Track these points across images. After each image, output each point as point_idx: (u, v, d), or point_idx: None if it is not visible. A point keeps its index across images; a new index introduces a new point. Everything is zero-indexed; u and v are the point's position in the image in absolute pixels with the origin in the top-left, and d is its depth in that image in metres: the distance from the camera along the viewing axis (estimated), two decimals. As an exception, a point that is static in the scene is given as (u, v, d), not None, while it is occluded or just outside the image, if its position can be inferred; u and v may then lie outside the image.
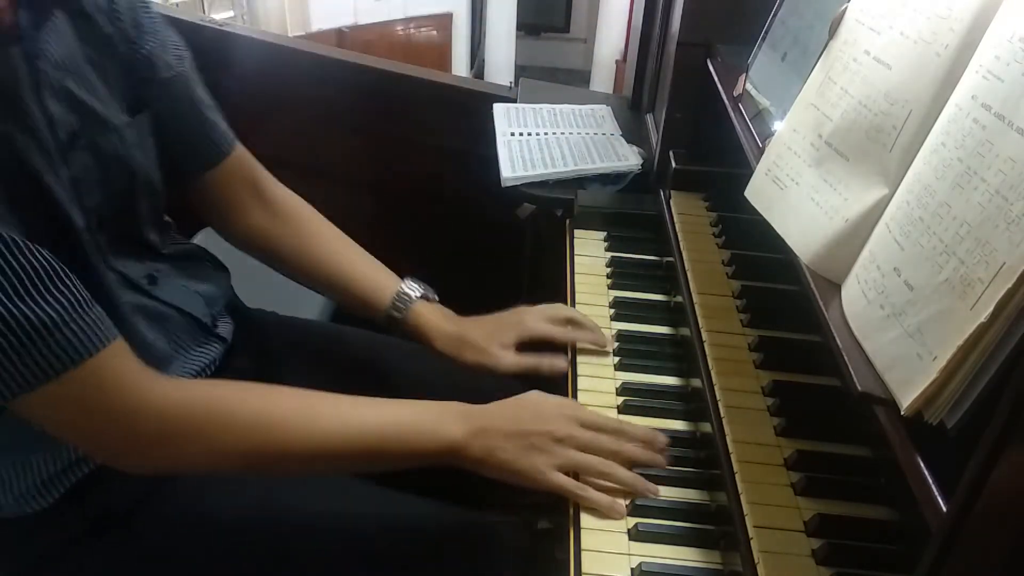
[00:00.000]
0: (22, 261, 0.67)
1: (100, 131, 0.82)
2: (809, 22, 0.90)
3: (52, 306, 0.68)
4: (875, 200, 0.66)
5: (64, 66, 0.79)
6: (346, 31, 3.66)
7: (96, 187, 0.81)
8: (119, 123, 0.85)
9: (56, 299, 0.69)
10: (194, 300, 0.97)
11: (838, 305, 0.67)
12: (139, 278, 0.89)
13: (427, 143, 1.81)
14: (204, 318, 0.98)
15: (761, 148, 0.87)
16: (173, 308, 0.93)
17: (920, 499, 0.53)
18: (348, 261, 1.07)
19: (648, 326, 1.07)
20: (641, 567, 0.75)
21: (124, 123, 0.86)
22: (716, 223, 1.18)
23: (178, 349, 0.94)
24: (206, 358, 0.97)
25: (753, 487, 0.76)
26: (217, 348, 1.00)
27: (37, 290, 0.68)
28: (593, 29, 4.39)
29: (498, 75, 4.30)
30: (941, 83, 0.62)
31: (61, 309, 0.69)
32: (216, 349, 1.00)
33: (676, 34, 1.22)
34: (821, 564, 0.70)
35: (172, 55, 0.94)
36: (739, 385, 0.89)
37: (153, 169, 0.91)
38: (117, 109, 0.85)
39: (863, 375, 0.59)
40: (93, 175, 0.81)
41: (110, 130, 0.83)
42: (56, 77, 0.78)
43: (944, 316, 0.53)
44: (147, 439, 0.76)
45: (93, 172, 0.81)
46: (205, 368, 0.97)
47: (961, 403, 0.50)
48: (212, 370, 0.98)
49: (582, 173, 1.36)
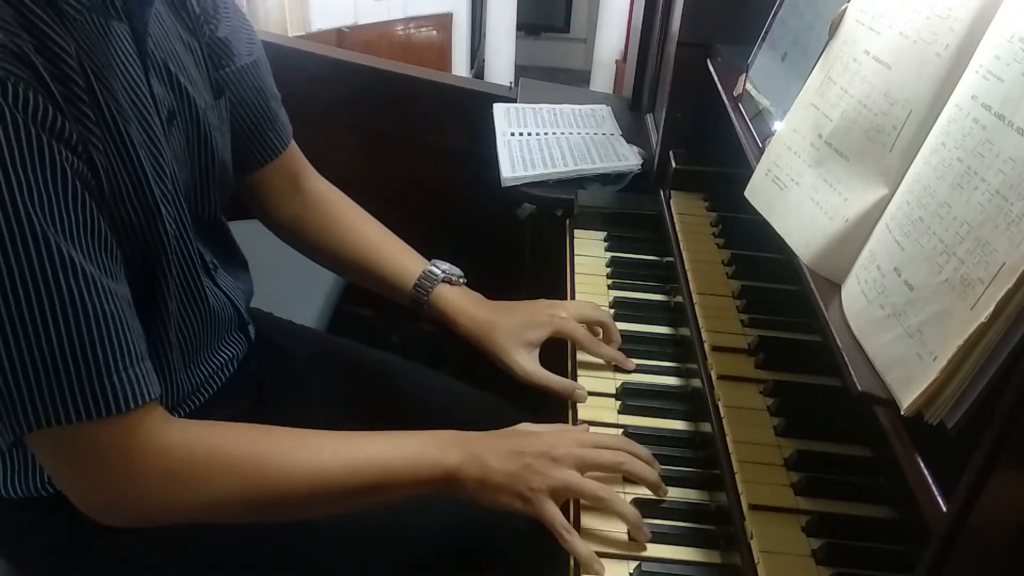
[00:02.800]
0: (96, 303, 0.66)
1: (191, 111, 0.83)
2: (809, 22, 0.90)
3: (107, 351, 0.67)
4: (875, 200, 0.66)
5: (163, 45, 0.80)
6: (346, 31, 3.65)
7: (185, 166, 0.83)
8: (205, 105, 0.86)
9: (113, 346, 0.67)
10: (238, 293, 0.99)
11: (838, 305, 0.67)
12: (208, 261, 0.91)
13: (427, 143, 1.81)
14: (244, 313, 1.00)
15: (761, 148, 0.87)
16: (227, 297, 0.95)
17: (920, 499, 0.53)
18: (375, 245, 1.06)
19: (648, 326, 1.07)
20: (641, 567, 0.75)
21: (209, 105, 0.87)
22: (716, 223, 1.18)
23: (213, 339, 0.94)
24: (230, 353, 0.98)
25: (753, 487, 0.76)
26: (243, 346, 1.00)
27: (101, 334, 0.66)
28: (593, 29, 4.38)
29: (498, 75, 4.30)
30: (941, 83, 0.62)
31: (114, 357, 0.67)
32: (243, 347, 1.00)
33: (676, 34, 1.22)
34: (821, 564, 0.70)
35: (245, 42, 0.95)
36: (739, 385, 0.89)
37: (228, 154, 0.92)
38: (204, 90, 0.87)
39: (863, 375, 0.59)
40: (184, 155, 0.83)
41: (199, 111, 0.85)
42: (159, 56, 0.79)
43: (944, 316, 0.53)
44: (145, 484, 0.72)
45: (184, 152, 0.82)
46: (227, 363, 0.97)
47: (961, 403, 0.50)
48: (233, 367, 0.98)
49: (582, 173, 1.36)
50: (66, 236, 0.64)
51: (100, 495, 0.72)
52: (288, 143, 1.04)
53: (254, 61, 0.96)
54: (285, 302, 1.20)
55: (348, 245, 1.06)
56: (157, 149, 0.77)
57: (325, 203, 1.08)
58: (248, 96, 0.96)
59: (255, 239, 1.08)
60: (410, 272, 1.03)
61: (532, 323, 0.99)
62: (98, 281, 0.66)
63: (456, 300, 1.02)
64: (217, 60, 0.91)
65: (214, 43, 0.90)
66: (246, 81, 0.95)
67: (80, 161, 0.66)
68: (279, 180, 1.05)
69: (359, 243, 1.06)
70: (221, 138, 0.90)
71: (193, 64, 0.86)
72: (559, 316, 1.00)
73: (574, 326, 1.00)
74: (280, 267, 1.13)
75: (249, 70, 0.95)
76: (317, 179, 1.09)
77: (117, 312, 0.68)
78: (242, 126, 0.97)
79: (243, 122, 0.97)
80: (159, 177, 0.77)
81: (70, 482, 0.72)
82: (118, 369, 0.68)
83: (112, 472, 0.71)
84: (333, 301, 1.51)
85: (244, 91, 0.95)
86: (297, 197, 1.07)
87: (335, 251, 1.07)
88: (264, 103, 0.98)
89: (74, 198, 0.65)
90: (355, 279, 1.10)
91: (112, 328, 0.67)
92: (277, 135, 1.02)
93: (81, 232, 0.66)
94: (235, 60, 0.93)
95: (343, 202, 1.10)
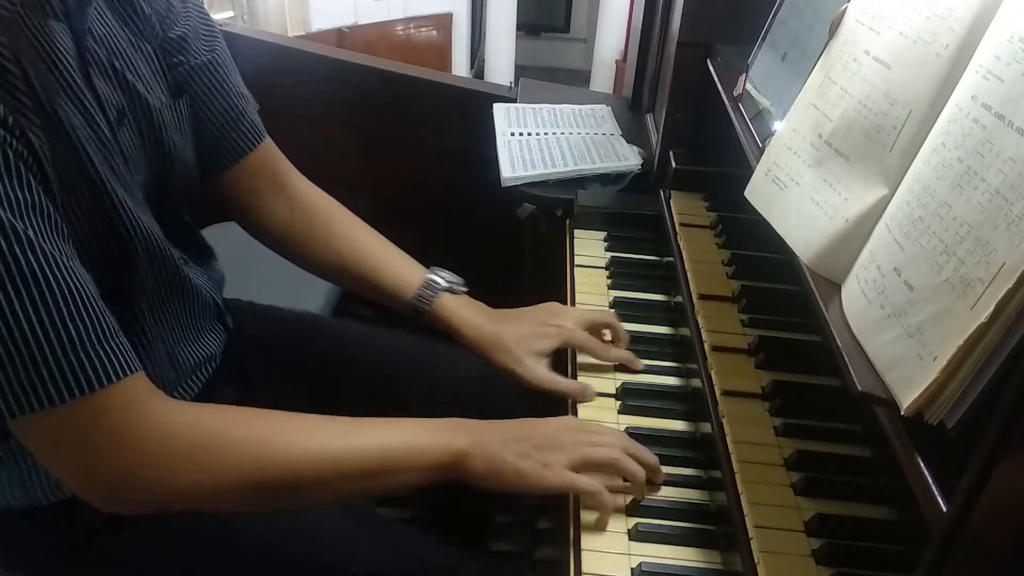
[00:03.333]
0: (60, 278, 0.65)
1: (143, 110, 0.82)
2: (809, 22, 0.90)
3: (78, 326, 0.65)
4: (875, 200, 0.66)
5: (107, 43, 0.79)
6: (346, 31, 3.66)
7: (141, 166, 0.82)
8: (160, 104, 0.85)
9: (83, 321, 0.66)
10: (212, 284, 0.98)
11: (838, 305, 0.67)
12: (178, 258, 0.89)
13: (427, 143, 1.81)
14: (220, 303, 0.99)
15: (761, 148, 0.87)
16: (198, 290, 0.93)
17: (920, 499, 0.53)
18: (370, 253, 1.04)
19: (648, 326, 1.07)
20: (641, 567, 0.75)
21: (164, 104, 0.86)
22: (716, 223, 1.18)
23: (194, 330, 0.94)
24: (212, 345, 0.98)
25: (753, 487, 0.76)
26: (223, 337, 1.00)
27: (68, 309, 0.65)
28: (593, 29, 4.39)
29: (498, 75, 4.30)
30: (941, 83, 0.62)
31: (86, 331, 0.66)
32: (222, 338, 1.00)
33: (676, 34, 1.22)
34: (821, 564, 0.70)
35: (204, 40, 0.93)
36: (739, 385, 0.89)
37: (190, 154, 0.91)
38: (158, 90, 0.85)
39: (863, 375, 0.59)
40: (139, 154, 0.81)
41: (152, 110, 0.83)
42: (102, 55, 0.78)
43: (944, 316, 0.53)
44: (150, 464, 0.70)
45: (138, 151, 0.81)
46: (211, 358, 0.97)
47: (961, 403, 0.50)
48: (217, 360, 0.99)
49: (582, 173, 1.36)
50: (16, 215, 0.63)
51: (98, 479, 0.71)
52: (258, 142, 1.00)
53: (213, 59, 0.93)
54: (286, 301, 1.20)
55: (342, 253, 1.04)
56: (106, 147, 0.75)
57: (313, 207, 1.05)
58: (209, 94, 0.94)
59: (254, 239, 1.07)
60: (408, 282, 1.02)
61: (539, 334, 0.99)
62: (56, 258, 0.65)
63: (459, 311, 1.00)
64: (171, 59, 0.89)
65: (168, 43, 0.88)
66: (205, 79, 0.93)
67: (18, 143, 0.64)
68: (257, 182, 1.02)
69: (353, 250, 1.04)
70: (180, 138, 0.88)
71: (144, 63, 0.84)
72: (566, 328, 1.00)
73: (582, 336, 1.00)
74: (279, 267, 1.12)
75: (207, 67, 0.93)
76: (301, 181, 1.06)
77: (82, 288, 0.66)
78: (206, 125, 0.94)
79: (207, 121, 0.94)
80: (113, 173, 0.75)
81: (64, 470, 0.71)
82: (92, 344, 0.66)
83: (106, 454, 0.69)
84: (333, 301, 1.51)
85: (204, 89, 0.93)
86: (280, 199, 1.04)
87: (327, 260, 1.05)
88: (227, 102, 0.96)
89: (17, 177, 0.63)
90: (349, 287, 1.08)
91: (79, 303, 0.66)
92: (243, 134, 0.98)
93: (29, 211, 0.64)
94: (191, 58, 0.90)
95: (332, 206, 1.07)
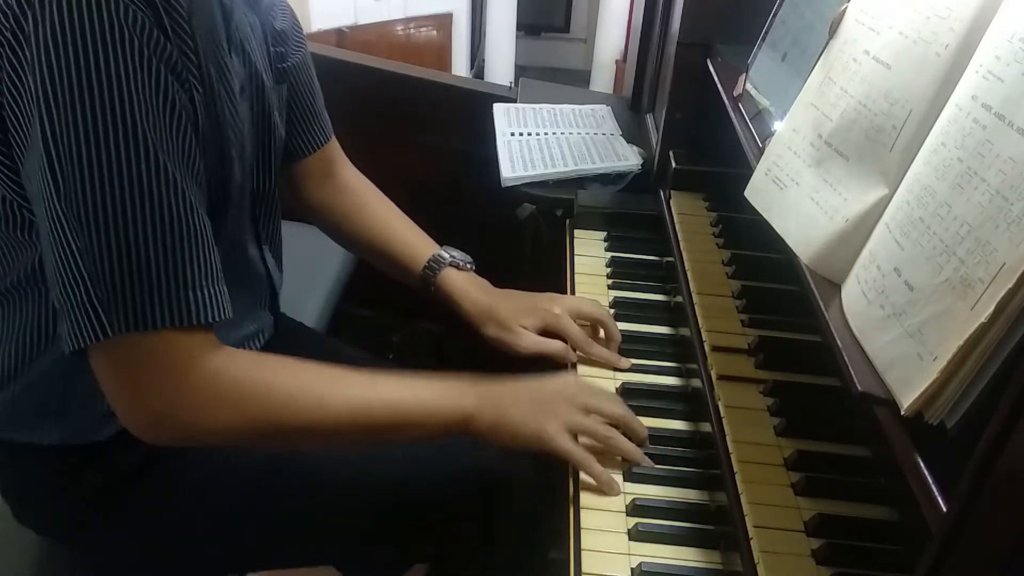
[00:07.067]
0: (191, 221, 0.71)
1: (258, 88, 0.89)
2: (809, 22, 0.90)
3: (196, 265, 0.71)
4: (875, 200, 0.66)
5: (241, 26, 0.85)
6: (346, 31, 3.65)
7: (250, 139, 0.87)
8: (269, 85, 0.91)
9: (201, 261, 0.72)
10: (277, 274, 1.04)
11: (838, 305, 0.67)
12: (261, 232, 0.97)
13: (427, 143, 1.81)
14: (279, 288, 1.05)
15: (761, 148, 0.87)
16: (267, 273, 1.01)
17: (920, 499, 0.53)
18: (392, 229, 1.12)
19: (648, 326, 1.07)
20: (641, 567, 0.75)
21: (271, 87, 0.92)
22: (716, 223, 1.18)
23: (244, 308, 0.97)
24: (256, 326, 1.02)
25: (753, 487, 0.76)
26: (270, 325, 1.05)
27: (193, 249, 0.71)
28: (593, 29, 4.38)
29: (498, 75, 4.30)
30: (941, 83, 0.62)
31: (201, 271, 0.72)
32: (269, 326, 1.05)
33: (676, 34, 1.22)
34: (821, 564, 0.70)
35: (295, 39, 1.00)
36: (739, 385, 0.89)
37: (283, 135, 0.97)
38: (268, 72, 0.92)
39: (863, 375, 0.59)
40: (250, 127, 0.87)
41: (265, 89, 0.90)
42: (238, 35, 0.84)
43: (944, 316, 0.53)
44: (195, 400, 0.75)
45: (250, 124, 0.87)
46: (254, 336, 1.02)
47: (961, 403, 0.50)
48: (258, 343, 1.03)
49: (582, 173, 1.36)
50: (171, 158, 0.69)
51: (148, 408, 0.75)
52: (330, 138, 1.11)
53: (304, 57, 1.02)
54: (286, 301, 1.20)
55: (367, 229, 1.12)
56: (236, 114, 0.81)
57: (353, 192, 1.14)
58: (300, 90, 1.03)
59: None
60: (420, 256, 1.08)
61: (529, 312, 1.03)
62: (193, 203, 0.71)
63: (460, 284, 1.06)
64: (275, 53, 0.96)
65: (274, 33, 0.96)
66: (299, 78, 1.02)
67: (184, 94, 0.71)
68: (316, 167, 1.11)
69: (377, 227, 1.12)
70: (279, 120, 0.95)
71: (261, 52, 0.91)
72: (552, 312, 1.02)
73: (566, 322, 1.02)
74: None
75: (301, 66, 1.02)
76: (349, 168, 1.16)
77: (206, 233, 0.73)
78: (293, 117, 1.03)
79: (295, 113, 1.03)
80: (235, 136, 0.81)
81: (123, 392, 0.74)
82: (202, 284, 0.72)
83: (167, 384, 0.73)
84: (333, 301, 1.51)
85: (297, 87, 1.02)
86: (329, 183, 1.13)
87: (355, 235, 1.13)
88: (312, 98, 1.05)
89: (179, 127, 0.70)
90: (370, 260, 1.16)
91: (201, 246, 0.72)
92: (321, 129, 1.08)
93: (181, 158, 0.71)
94: (290, 52, 0.99)
95: (370, 191, 1.16)
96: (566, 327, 1.01)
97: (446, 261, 1.07)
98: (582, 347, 1.01)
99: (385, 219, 1.13)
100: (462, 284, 1.06)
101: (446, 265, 1.07)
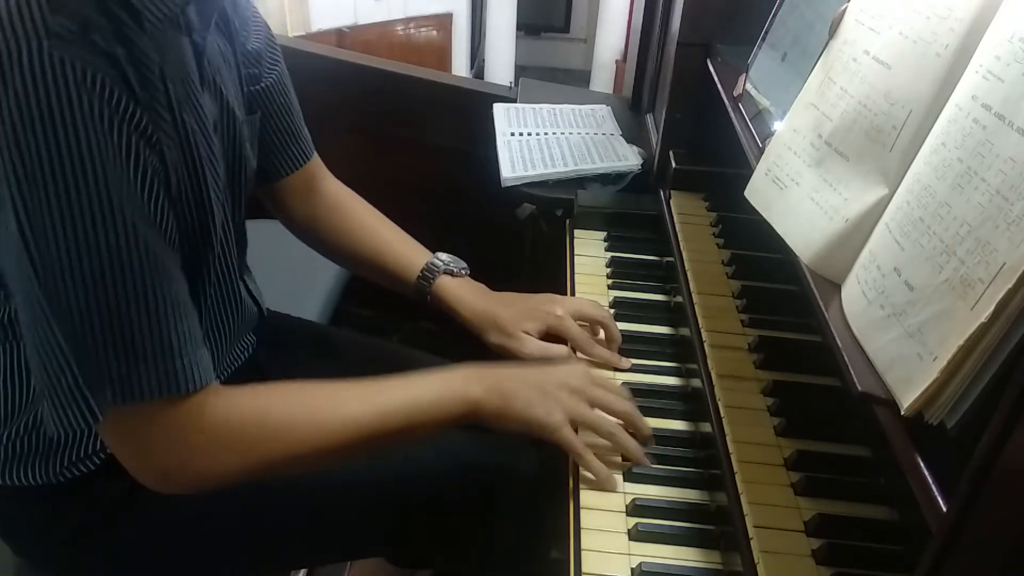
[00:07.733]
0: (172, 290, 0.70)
1: (229, 122, 0.87)
2: (809, 22, 0.90)
3: (179, 333, 0.71)
4: (875, 200, 0.66)
5: (214, 62, 0.83)
6: (346, 31, 3.65)
7: (222, 175, 0.86)
8: (241, 118, 0.90)
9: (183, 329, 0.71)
10: (259, 294, 1.04)
11: (838, 305, 0.67)
12: (241, 265, 0.96)
13: (427, 143, 1.81)
14: (264, 312, 1.04)
15: (761, 148, 0.87)
16: (254, 299, 1.00)
17: (920, 499, 0.53)
18: (382, 240, 1.10)
19: (648, 326, 1.07)
20: (641, 567, 0.75)
21: (244, 119, 0.90)
22: (716, 223, 1.18)
23: (237, 338, 0.98)
24: (243, 349, 1.02)
25: (753, 487, 0.76)
26: (253, 341, 1.04)
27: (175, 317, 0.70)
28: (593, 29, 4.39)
29: (498, 75, 4.30)
30: (941, 83, 0.62)
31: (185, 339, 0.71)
32: (253, 343, 1.04)
33: (676, 34, 1.22)
34: (821, 564, 0.70)
35: (270, 57, 0.98)
36: (739, 385, 0.89)
37: (255, 165, 0.96)
38: (239, 105, 0.90)
39: (863, 375, 0.59)
40: (222, 163, 0.86)
41: (237, 123, 0.88)
42: (210, 72, 0.82)
43: (944, 316, 0.53)
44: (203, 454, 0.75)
45: (221, 159, 0.86)
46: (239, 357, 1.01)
47: (961, 403, 0.50)
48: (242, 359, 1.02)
49: (582, 173, 1.35)
50: (147, 225, 0.68)
51: (157, 466, 0.75)
52: (310, 156, 1.08)
53: (279, 77, 1.00)
54: (285, 301, 1.20)
55: (357, 243, 1.10)
56: (213, 155, 0.81)
57: (338, 205, 1.12)
58: (277, 114, 1.01)
59: (255, 240, 1.08)
60: (413, 265, 1.06)
61: (530, 316, 1.02)
62: (171, 271, 0.71)
63: (457, 291, 1.05)
64: (247, 72, 0.94)
65: (246, 55, 0.94)
66: (274, 99, 0.99)
67: (155, 156, 0.70)
68: (299, 184, 1.09)
69: (367, 239, 1.10)
70: (251, 150, 0.94)
71: (232, 81, 0.89)
72: (554, 314, 1.02)
73: (568, 324, 1.01)
74: (280, 267, 1.13)
75: (276, 87, 0.99)
76: (331, 181, 1.13)
77: (185, 300, 0.73)
78: (269, 140, 1.01)
79: (271, 136, 1.01)
80: (215, 182, 0.81)
81: (129, 454, 0.75)
82: (186, 352, 0.71)
83: (172, 445, 0.74)
84: (333, 301, 1.51)
85: (273, 109, 1.00)
86: (312, 198, 1.10)
87: (345, 249, 1.11)
88: (290, 120, 1.03)
89: (152, 192, 0.69)
90: (363, 274, 1.14)
91: (182, 314, 0.72)
92: (300, 150, 1.06)
93: (155, 224, 0.70)
94: (264, 74, 0.97)
95: (355, 202, 1.13)
96: (568, 329, 1.01)
97: (440, 269, 1.06)
98: (584, 348, 1.00)
99: (373, 230, 1.11)
100: (458, 292, 1.05)
101: (440, 273, 1.05)
